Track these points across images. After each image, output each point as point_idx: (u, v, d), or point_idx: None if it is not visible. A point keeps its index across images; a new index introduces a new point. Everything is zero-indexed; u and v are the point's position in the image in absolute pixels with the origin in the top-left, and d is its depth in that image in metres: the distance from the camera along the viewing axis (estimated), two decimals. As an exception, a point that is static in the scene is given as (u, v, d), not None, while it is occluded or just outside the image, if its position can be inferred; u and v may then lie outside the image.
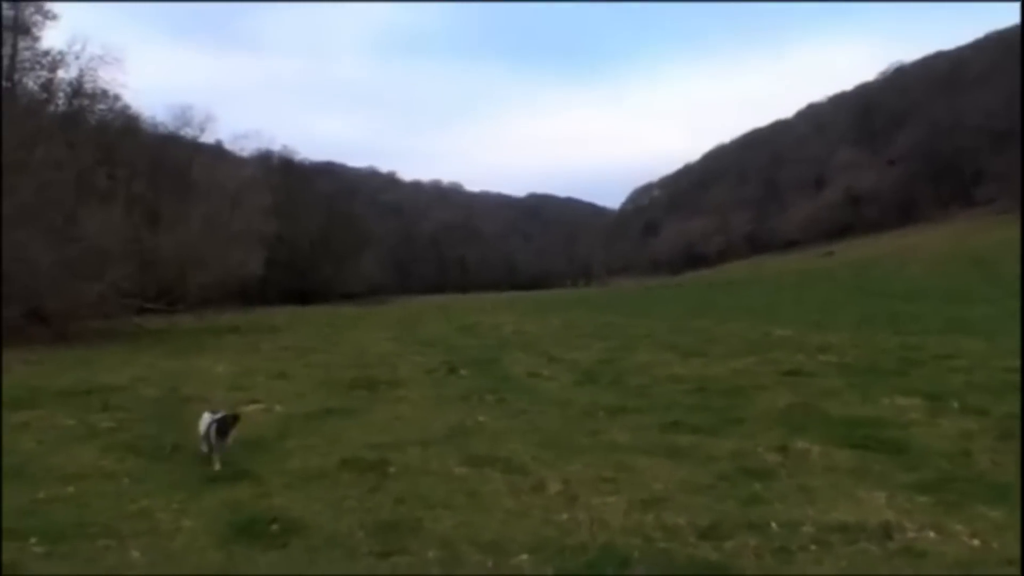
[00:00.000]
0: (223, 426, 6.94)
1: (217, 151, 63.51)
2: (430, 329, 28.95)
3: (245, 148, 73.92)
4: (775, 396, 10.38)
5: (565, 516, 5.42)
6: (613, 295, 77.45)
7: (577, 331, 25.08)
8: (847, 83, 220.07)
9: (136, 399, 11.23)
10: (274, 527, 5.20)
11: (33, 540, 4.94)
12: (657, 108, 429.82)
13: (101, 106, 39.76)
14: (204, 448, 7.08)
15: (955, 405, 9.21)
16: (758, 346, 17.46)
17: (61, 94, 35.99)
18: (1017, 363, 11.85)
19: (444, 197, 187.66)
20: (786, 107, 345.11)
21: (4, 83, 31.18)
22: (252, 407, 10.27)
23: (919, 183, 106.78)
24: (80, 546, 4.87)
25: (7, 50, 31.35)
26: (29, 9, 32.49)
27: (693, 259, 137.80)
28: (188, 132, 55.50)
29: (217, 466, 6.75)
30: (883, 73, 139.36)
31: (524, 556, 4.64)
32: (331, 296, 75.68)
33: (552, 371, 14.03)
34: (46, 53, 33.70)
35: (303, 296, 68.89)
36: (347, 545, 4.89)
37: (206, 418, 7.15)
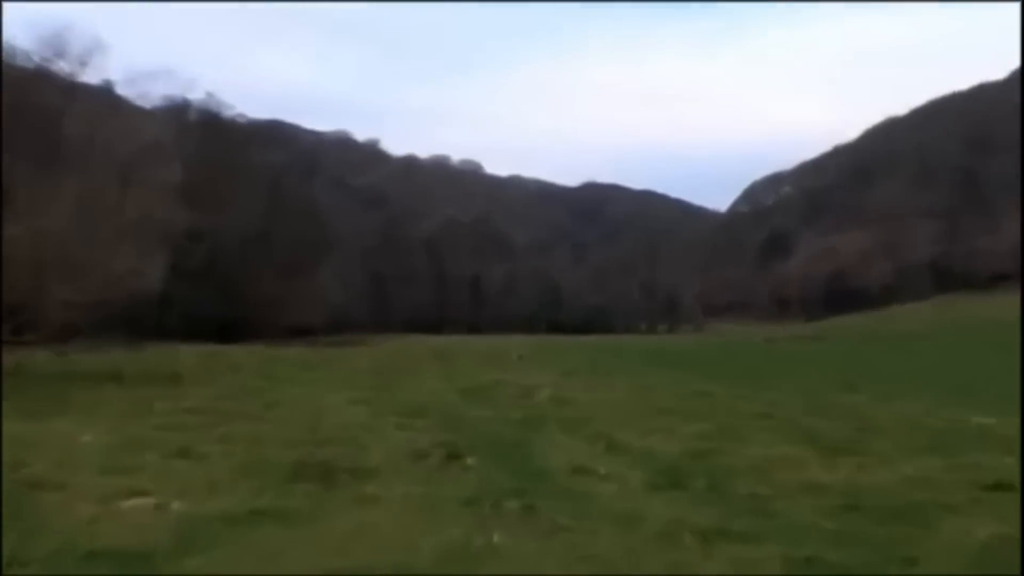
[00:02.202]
0: None
1: (105, 96, 64.41)
2: (421, 388, 29.03)
3: (148, 94, 74.93)
4: (971, 523, 10.23)
5: None
6: (713, 348, 77.22)
7: (654, 404, 25.02)
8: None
9: (-45, 481, 11.25)
10: None
11: None
12: (792, 60, 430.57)
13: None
14: None
15: None
16: (946, 441, 17.30)
17: None
18: None
19: (453, 182, 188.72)
20: (994, 65, 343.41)
21: None
22: (134, 501, 10.25)
23: None
24: None
25: None
26: None
27: (843, 296, 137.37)
28: (63, 67, 56.28)
29: None
30: None
31: None
32: (269, 330, 75.93)
33: (612, 466, 13.99)
34: None
35: (226, 328, 69.29)
36: None
37: None
